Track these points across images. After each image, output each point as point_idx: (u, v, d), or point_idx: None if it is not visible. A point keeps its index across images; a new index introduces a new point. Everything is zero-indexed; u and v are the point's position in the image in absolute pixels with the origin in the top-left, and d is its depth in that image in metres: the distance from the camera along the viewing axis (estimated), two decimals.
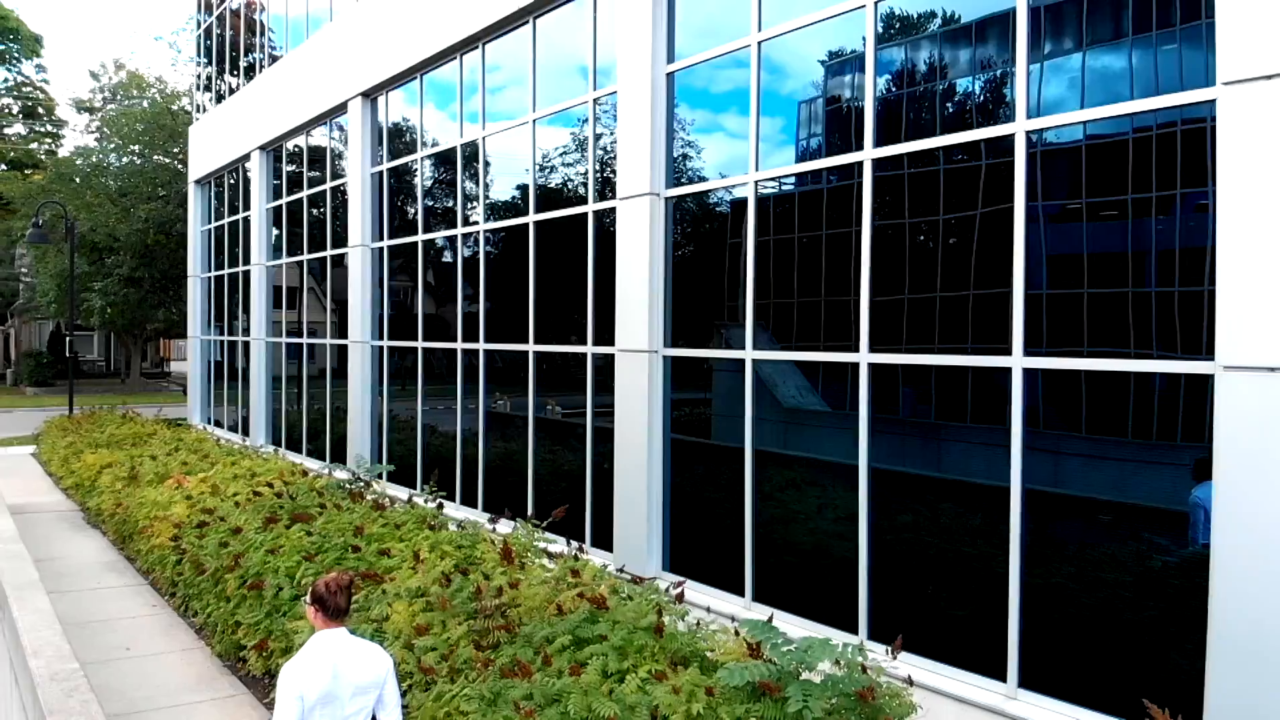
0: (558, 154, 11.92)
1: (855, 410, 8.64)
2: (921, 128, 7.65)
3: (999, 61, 7.21)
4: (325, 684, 4.38)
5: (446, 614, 6.87)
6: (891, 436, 8.28)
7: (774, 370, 9.30)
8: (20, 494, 17.41)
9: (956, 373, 7.52)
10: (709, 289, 9.75)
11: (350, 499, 10.47)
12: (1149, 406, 6.55)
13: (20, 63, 50.78)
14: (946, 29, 7.59)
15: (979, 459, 7.64)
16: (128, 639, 9.70)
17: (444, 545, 8.70)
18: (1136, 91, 6.37)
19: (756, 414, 9.56)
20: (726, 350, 9.19)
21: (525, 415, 12.28)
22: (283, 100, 19.65)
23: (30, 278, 48.65)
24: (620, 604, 6.60)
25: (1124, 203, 6.48)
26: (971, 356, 7.18)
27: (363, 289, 16.07)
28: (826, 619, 8.21)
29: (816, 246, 8.47)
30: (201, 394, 25.71)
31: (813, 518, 8.74)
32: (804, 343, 8.64)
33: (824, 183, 8.40)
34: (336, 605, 4.56)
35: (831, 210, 8.37)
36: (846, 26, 8.25)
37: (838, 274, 8.22)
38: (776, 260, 8.84)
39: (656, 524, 9.79)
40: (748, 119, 9.19)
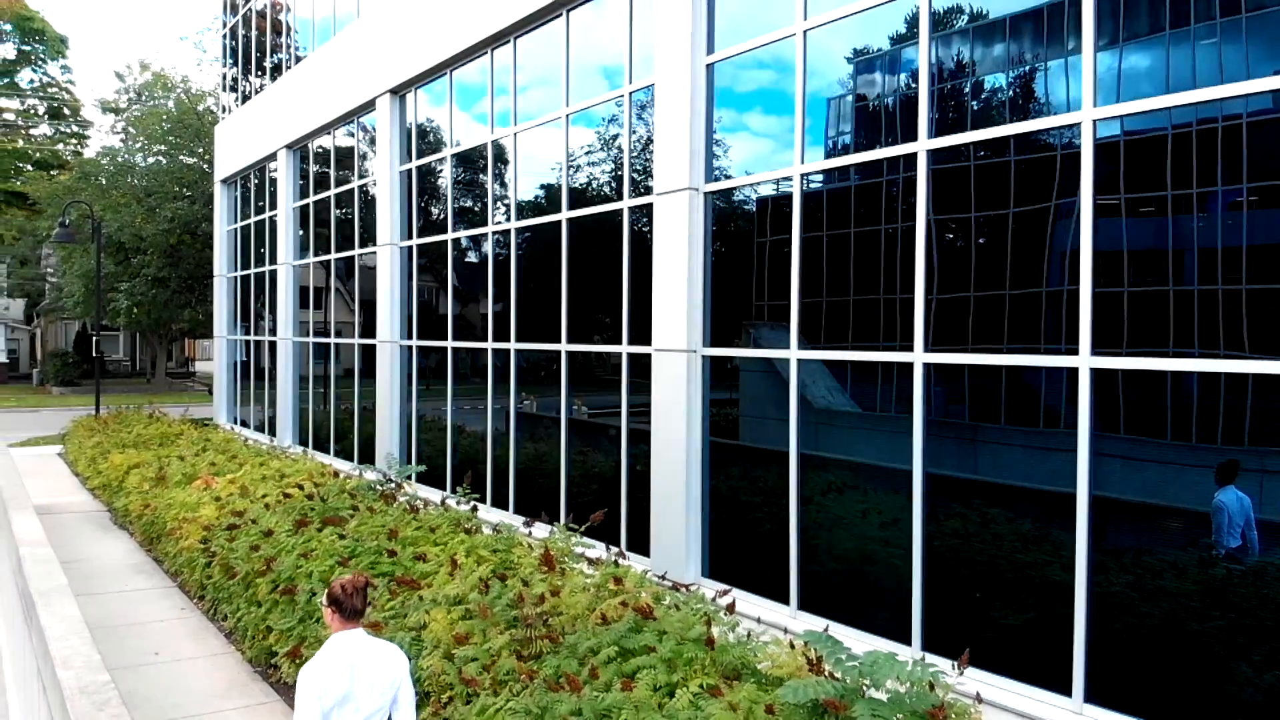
0: (591, 150, 11.67)
1: (887, 411, 8.41)
2: (976, 119, 7.35)
3: (1058, 51, 6.90)
4: (343, 685, 4.40)
5: (486, 622, 6.63)
6: (907, 437, 8.01)
7: (803, 371, 9.06)
8: (47, 494, 17.32)
9: (992, 372, 7.29)
10: (736, 288, 9.53)
11: (383, 501, 10.25)
12: (1188, 408, 6.30)
13: (46, 64, 51.10)
14: (1000, 18, 7.29)
15: (1019, 461, 7.39)
16: (157, 643, 9.53)
17: (480, 550, 8.47)
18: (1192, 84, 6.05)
19: (781, 414, 9.30)
20: (771, 350, 8.90)
21: (554, 415, 12.05)
22: (309, 99, 19.51)
23: (56, 278, 48.89)
24: (667, 614, 6.33)
25: (1164, 199, 6.17)
26: (1037, 356, 6.86)
27: (391, 288, 15.87)
28: (876, 629, 7.92)
29: (849, 243, 8.18)
30: (227, 394, 25.63)
31: (856, 523, 8.45)
32: (833, 342, 8.39)
33: (851, 179, 8.11)
34: (353, 606, 4.57)
35: (872, 206, 8.07)
36: (895, 15, 7.96)
37: (882, 272, 7.93)
38: (808, 258, 8.56)
39: (695, 528, 9.51)
40: (773, 118, 9.05)
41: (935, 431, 7.76)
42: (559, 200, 12.02)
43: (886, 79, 8.21)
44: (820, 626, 8.16)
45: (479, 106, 13.98)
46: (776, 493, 9.01)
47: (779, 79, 9.22)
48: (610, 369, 11.67)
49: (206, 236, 35.25)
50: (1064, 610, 6.70)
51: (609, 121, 11.35)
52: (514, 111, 12.90)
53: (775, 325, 9.32)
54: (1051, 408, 7.20)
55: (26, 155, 49.22)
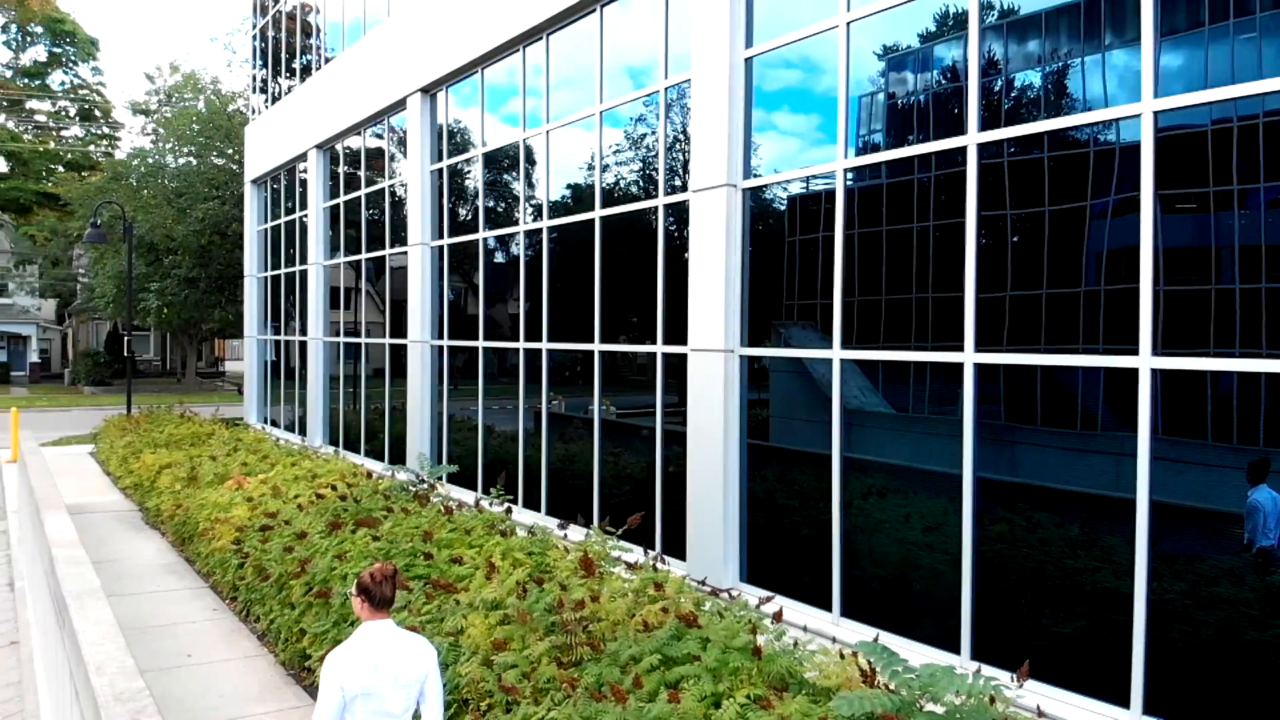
0: (624, 148, 11.51)
1: (920, 412, 8.22)
2: (1018, 114, 7.13)
3: (1111, 43, 6.67)
4: (366, 676, 4.38)
5: (525, 628, 6.47)
6: (946, 439, 7.85)
7: (828, 371, 8.86)
8: (79, 493, 17.37)
9: (1027, 372, 7.12)
10: (765, 288, 9.38)
11: (416, 502, 10.13)
12: (1227, 408, 6.11)
13: (77, 66, 51.54)
14: (1050, 9, 7.06)
15: (1058, 463, 7.19)
16: (189, 645, 9.45)
17: (515, 552, 8.33)
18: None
19: (810, 415, 9.14)
20: (813, 350, 8.69)
21: (584, 416, 11.92)
22: (340, 98, 19.47)
23: (87, 278, 49.32)
24: (711, 621, 6.15)
25: (1207, 195, 5.93)
26: (1095, 356, 6.63)
27: (422, 288, 15.78)
28: (923, 637, 7.70)
29: (883, 241, 7.97)
30: (257, 394, 25.67)
31: (899, 527, 8.23)
32: (866, 342, 8.20)
33: (883, 177, 7.90)
34: (382, 595, 4.56)
35: (910, 204, 7.86)
36: (939, 6, 7.75)
37: (920, 270, 7.72)
38: (826, 256, 8.36)
39: (734, 532, 9.33)
40: (800, 116, 8.97)
41: (954, 432, 7.59)
42: (591, 199, 11.87)
43: (920, 75, 8.03)
44: (864, 634, 7.98)
45: (510, 105, 13.86)
46: (814, 495, 8.83)
47: (805, 78, 9.11)
48: (636, 369, 11.56)
49: (236, 237, 35.38)
50: (1117, 618, 6.48)
51: (640, 120, 11.19)
52: (546, 109, 12.77)
53: (806, 325, 9.15)
54: (1088, 408, 7.02)
55: (58, 157, 49.66)
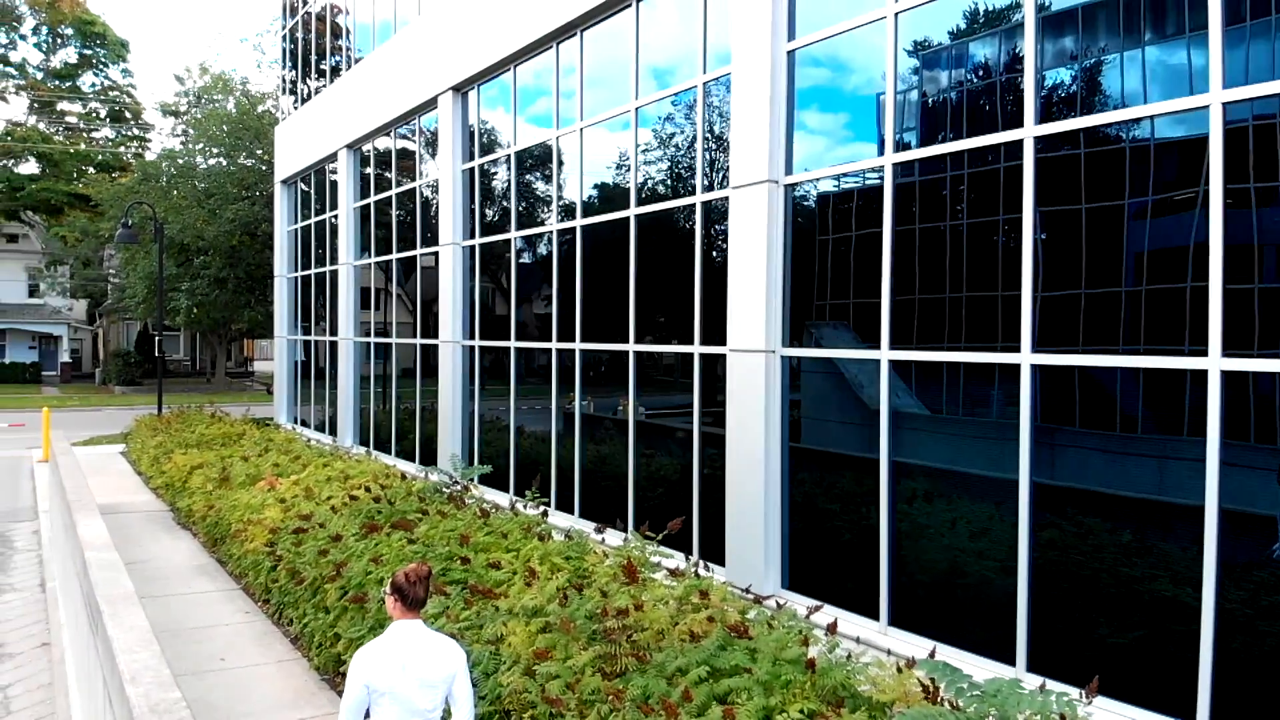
0: (660, 145, 11.31)
1: (954, 413, 8.00)
2: (1079, 106, 6.87)
3: (1175, 33, 6.41)
4: (393, 675, 4.41)
5: (567, 637, 6.28)
6: (988, 441, 7.68)
7: (860, 371, 8.72)
8: (110, 493, 17.37)
9: (1064, 373, 6.94)
10: (797, 287, 9.21)
11: (450, 504, 9.98)
12: (1271, 408, 5.91)
13: (107, 67, 51.88)
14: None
15: (1100, 466, 6.98)
16: (222, 648, 9.33)
17: (553, 557, 8.14)
18: None
19: (843, 417, 8.93)
20: (860, 350, 8.45)
21: (616, 417, 11.75)
22: (370, 98, 19.39)
23: (118, 279, 49.68)
24: (762, 632, 5.94)
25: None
26: (1160, 358, 6.35)
27: (453, 288, 15.65)
28: (975, 646, 7.44)
29: (921, 239, 7.72)
30: (288, 394, 25.67)
31: (945, 533, 7.99)
32: (898, 343, 7.96)
33: (916, 175, 7.64)
34: (415, 595, 4.60)
35: (950, 201, 7.62)
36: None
37: (967, 268, 7.48)
38: (861, 255, 8.13)
39: (775, 537, 9.10)
40: (839, 112, 8.77)
41: (1002, 434, 7.41)
42: (624, 197, 11.68)
43: (970, 69, 7.79)
44: (913, 643, 7.74)
45: (542, 103, 13.70)
46: (855, 499, 8.62)
47: (847, 73, 8.92)
48: (663, 369, 11.41)
49: (266, 237, 35.48)
50: (1177, 628, 6.22)
51: (675, 117, 10.99)
52: (580, 106, 12.58)
53: (838, 325, 8.97)
54: (1127, 410, 6.81)
55: (89, 158, 50.03)
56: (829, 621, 6.75)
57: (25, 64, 49.20)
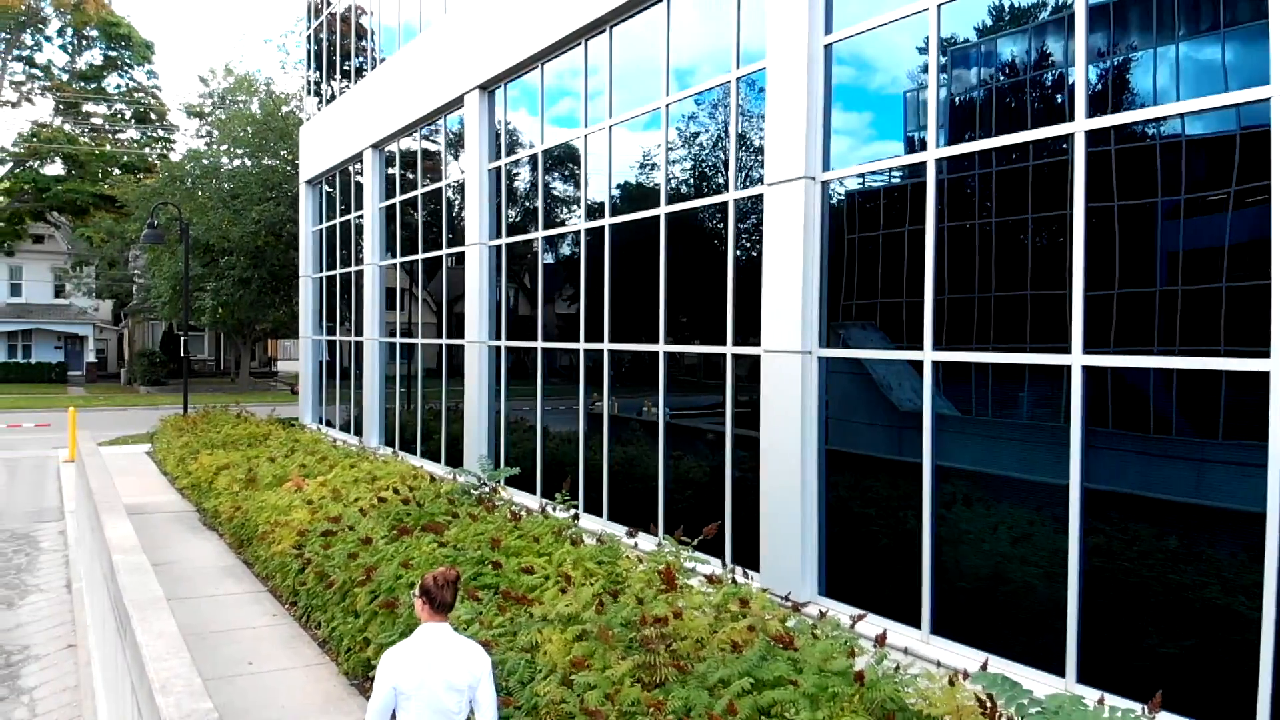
0: (691, 142, 11.12)
1: (984, 414, 7.81)
2: (1131, 99, 6.64)
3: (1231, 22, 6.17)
4: (419, 676, 4.49)
5: (605, 645, 6.11)
6: (1021, 444, 7.52)
7: (888, 372, 8.57)
8: (136, 493, 17.34)
9: (1096, 374, 6.77)
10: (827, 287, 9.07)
11: (480, 507, 9.82)
12: None
13: (132, 69, 52.10)
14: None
15: (1136, 469, 6.78)
16: (249, 652, 9.21)
17: (586, 562, 7.98)
18: None
19: (871, 418, 8.75)
20: (901, 351, 8.22)
21: (645, 418, 11.58)
22: (396, 97, 19.29)
23: (144, 279, 49.90)
24: (808, 643, 5.74)
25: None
26: (1223, 359, 6.12)
27: (480, 288, 15.51)
28: (1021, 656, 7.21)
29: (955, 238, 7.50)
30: (313, 394, 25.62)
31: (986, 537, 7.77)
32: (945, 344, 7.72)
33: (945, 172, 7.42)
34: (443, 599, 4.67)
35: (999, 196, 7.39)
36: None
37: (1010, 266, 7.25)
38: (895, 253, 7.91)
39: (812, 542, 8.90)
40: (852, 114, 8.71)
41: (1037, 436, 7.28)
42: (654, 195, 11.50)
43: (997, 66, 7.60)
44: (957, 652, 7.53)
45: (570, 101, 13.54)
46: (891, 503, 8.43)
47: (857, 75, 8.83)
48: (685, 369, 11.29)
49: (290, 237, 35.50)
50: (1231, 637, 5.98)
51: (708, 113, 10.80)
52: (609, 104, 12.41)
53: (866, 325, 8.80)
54: (1161, 411, 6.64)
55: (114, 159, 50.27)
56: (871, 630, 6.55)
57: (51, 65, 49.53)
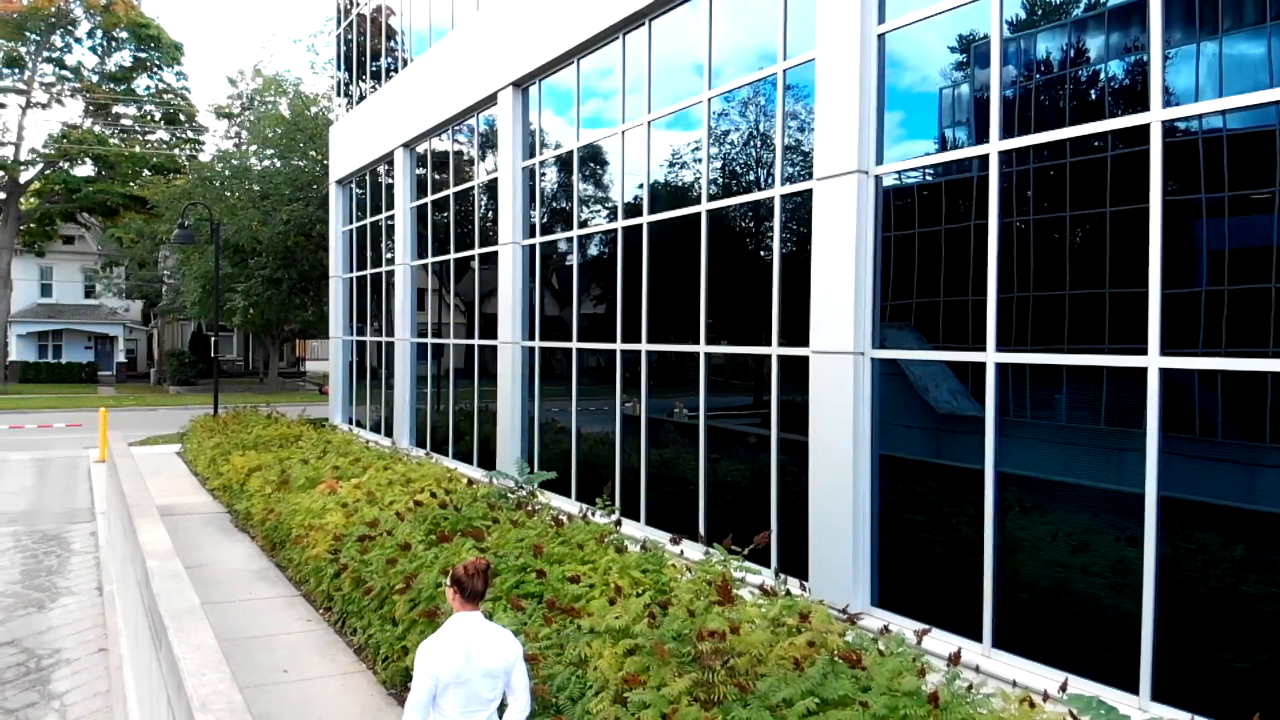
0: (734, 137, 10.81)
1: (1023, 416, 7.53)
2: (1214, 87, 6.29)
3: None
4: (458, 664, 4.54)
5: (656, 658, 5.82)
6: (1043, 444, 7.35)
7: (925, 373, 8.32)
8: (167, 494, 17.22)
9: (1135, 374, 6.57)
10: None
11: (519, 511, 9.56)
12: None
13: (161, 70, 52.27)
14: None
15: (1181, 473, 6.50)
16: (284, 659, 9.00)
17: (632, 570, 7.70)
18: None
19: (908, 420, 8.48)
20: (963, 352, 7.87)
21: (684, 421, 11.31)
22: (427, 96, 19.10)
23: (173, 279, 50.10)
24: (878, 661, 5.43)
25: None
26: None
27: (513, 288, 15.27)
28: (1089, 671, 6.86)
29: (1016, 233, 7.16)
30: (343, 394, 25.49)
31: (1045, 546, 7.43)
32: (950, 343, 7.42)
33: (973, 170, 7.07)
34: (474, 588, 4.73)
35: (1061, 190, 7.06)
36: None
37: (1074, 263, 6.91)
38: (934, 251, 7.58)
39: (864, 552, 8.57)
40: (904, 107, 8.43)
41: (1069, 439, 7.14)
42: (694, 192, 11.21)
43: (1044, 58, 7.28)
44: (1019, 667, 7.20)
45: (607, 97, 13.27)
46: (943, 509, 8.14)
47: (891, 73, 8.59)
48: (712, 369, 11.09)
49: (320, 238, 35.45)
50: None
51: (752, 107, 10.50)
52: (648, 99, 12.12)
53: (902, 326, 8.54)
54: (1207, 412, 6.40)
55: (144, 160, 50.44)
56: (930, 642, 6.22)
57: (81, 67, 49.72)
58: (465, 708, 4.58)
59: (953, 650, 7.36)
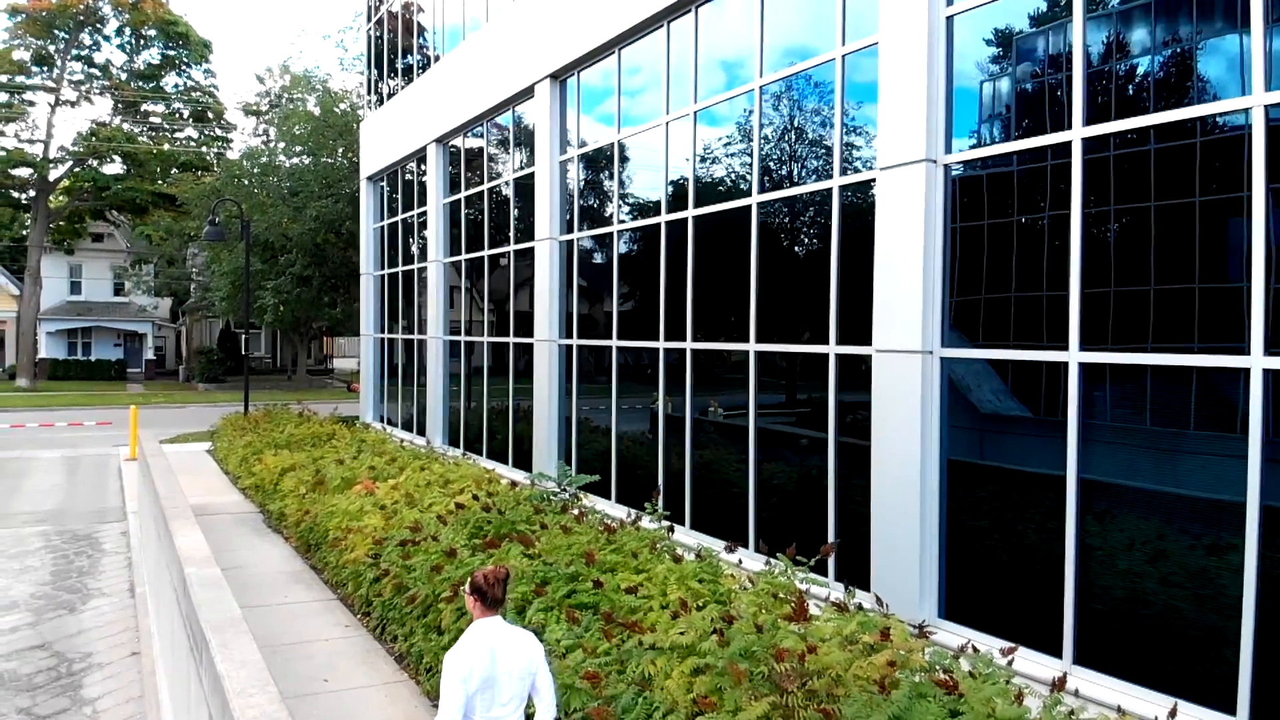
0: (786, 126, 10.40)
1: (1055, 415, 7.27)
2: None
3: None
4: (485, 669, 4.58)
5: (728, 678, 5.43)
6: (1122, 448, 7.01)
7: (967, 372, 7.98)
8: (199, 493, 17.00)
9: (1181, 374, 6.43)
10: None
11: (563, 514, 9.20)
12: None
13: (190, 68, 52.28)
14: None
15: (1216, 472, 6.36)
16: (324, 667, 8.68)
17: (689, 580, 7.31)
18: None
19: (951, 420, 8.11)
20: (1041, 351, 7.43)
21: (731, 423, 10.97)
22: (461, 90, 18.76)
23: (202, 277, 50.13)
24: (976, 686, 5.02)
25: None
26: None
27: (550, 285, 14.91)
28: (1175, 689, 6.41)
29: (1103, 225, 6.72)
30: (374, 392, 25.23)
31: (1121, 555, 6.99)
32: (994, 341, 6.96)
33: (1014, 164, 6.63)
34: (494, 595, 4.77)
35: (1140, 181, 6.61)
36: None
37: (1159, 257, 6.47)
38: (993, 243, 7.13)
39: (932, 561, 8.14)
40: (974, 93, 8.05)
41: (1106, 437, 6.90)
42: (744, 184, 10.80)
43: (1129, 41, 6.85)
44: (1103, 684, 6.79)
45: (650, 87, 12.87)
46: (1006, 515, 7.75)
47: (1010, 39, 8.06)
48: (731, 366, 10.86)
49: (350, 235, 35.25)
50: None
51: (806, 95, 10.09)
52: (694, 88, 11.71)
53: (952, 326, 8.18)
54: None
55: (173, 158, 50.46)
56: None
57: (109, 65, 49.76)
58: (492, 711, 4.63)
59: (1026, 665, 6.97)
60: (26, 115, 47.03)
